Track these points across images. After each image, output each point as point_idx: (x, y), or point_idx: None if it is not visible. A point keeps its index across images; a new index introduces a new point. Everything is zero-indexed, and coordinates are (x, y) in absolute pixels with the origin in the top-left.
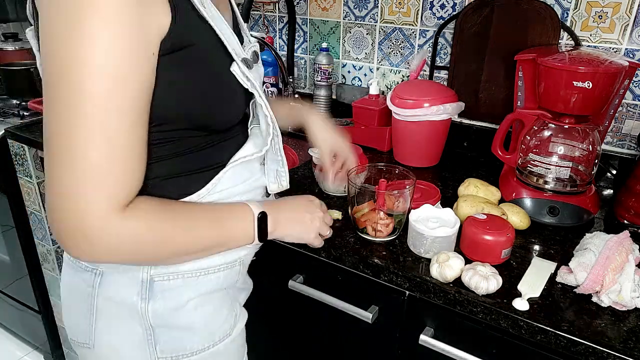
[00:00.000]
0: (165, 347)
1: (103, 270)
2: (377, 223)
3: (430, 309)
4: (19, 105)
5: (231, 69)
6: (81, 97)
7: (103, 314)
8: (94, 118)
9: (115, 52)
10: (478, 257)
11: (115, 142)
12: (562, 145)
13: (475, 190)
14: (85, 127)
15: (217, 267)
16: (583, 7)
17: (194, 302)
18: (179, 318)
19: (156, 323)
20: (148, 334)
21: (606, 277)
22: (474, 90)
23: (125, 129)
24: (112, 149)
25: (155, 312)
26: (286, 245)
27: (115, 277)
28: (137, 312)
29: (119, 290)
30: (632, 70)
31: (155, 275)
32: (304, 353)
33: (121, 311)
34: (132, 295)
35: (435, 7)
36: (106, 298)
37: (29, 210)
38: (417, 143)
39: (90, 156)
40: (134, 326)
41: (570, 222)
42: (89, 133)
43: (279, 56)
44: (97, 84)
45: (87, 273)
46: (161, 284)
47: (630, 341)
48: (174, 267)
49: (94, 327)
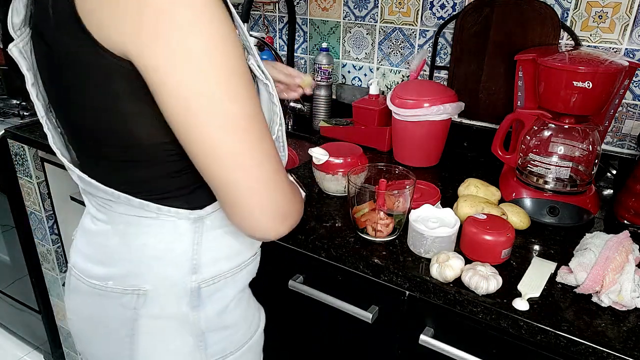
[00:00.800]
0: (213, 350)
1: (147, 290)
2: (377, 223)
3: (430, 309)
4: (19, 105)
5: (249, 63)
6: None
7: (146, 333)
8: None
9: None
10: (478, 257)
11: (268, 131)
12: (562, 145)
13: (475, 190)
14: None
15: (246, 261)
16: (583, 7)
17: (235, 301)
18: (226, 318)
19: (207, 328)
20: (199, 341)
21: (606, 277)
22: (474, 90)
23: (263, 114)
24: (270, 138)
25: (207, 318)
26: (286, 245)
27: (161, 292)
28: (188, 322)
29: (165, 305)
30: (632, 70)
31: (201, 282)
32: (304, 353)
33: (169, 325)
34: (181, 307)
35: (435, 7)
36: (151, 317)
37: (29, 210)
38: (417, 143)
39: (273, 154)
40: (184, 337)
41: (570, 222)
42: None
43: (279, 56)
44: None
45: (125, 297)
46: (207, 290)
47: (630, 341)
48: (216, 271)
49: (135, 350)
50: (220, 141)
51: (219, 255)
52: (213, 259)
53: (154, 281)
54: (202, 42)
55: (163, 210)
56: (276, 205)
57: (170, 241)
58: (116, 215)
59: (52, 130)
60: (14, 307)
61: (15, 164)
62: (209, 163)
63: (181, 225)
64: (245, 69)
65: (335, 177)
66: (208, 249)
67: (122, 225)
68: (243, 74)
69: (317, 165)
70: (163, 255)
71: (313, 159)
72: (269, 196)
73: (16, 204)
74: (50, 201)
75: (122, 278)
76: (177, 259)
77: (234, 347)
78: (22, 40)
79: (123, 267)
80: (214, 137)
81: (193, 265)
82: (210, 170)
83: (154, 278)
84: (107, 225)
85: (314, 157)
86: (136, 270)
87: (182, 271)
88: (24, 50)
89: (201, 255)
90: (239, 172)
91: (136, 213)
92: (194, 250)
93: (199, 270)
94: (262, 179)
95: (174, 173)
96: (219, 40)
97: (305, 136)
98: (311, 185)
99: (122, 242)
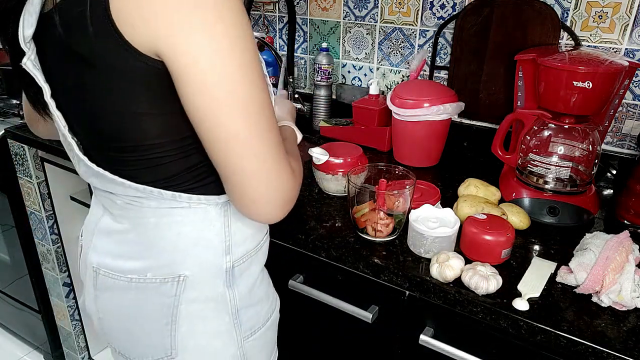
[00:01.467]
0: (246, 326)
1: (187, 275)
2: (377, 223)
3: (430, 309)
4: (19, 105)
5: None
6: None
7: (185, 317)
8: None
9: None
10: (478, 257)
11: (275, 125)
12: (562, 145)
13: (475, 190)
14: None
15: (263, 238)
16: (583, 7)
17: (260, 276)
18: (255, 294)
19: (241, 305)
20: (234, 319)
21: (606, 277)
22: (474, 90)
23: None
24: (276, 127)
25: (241, 295)
26: (286, 245)
27: (199, 277)
28: (224, 301)
29: (204, 288)
30: (632, 70)
31: (234, 262)
32: (304, 353)
33: (207, 307)
34: (218, 287)
35: (435, 7)
36: (190, 301)
37: (29, 210)
38: (417, 143)
39: (280, 142)
40: (221, 316)
41: (570, 222)
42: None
43: (279, 56)
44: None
45: (165, 285)
46: (239, 268)
47: (630, 341)
48: (245, 249)
49: (175, 336)
50: (235, 129)
51: (245, 235)
52: (242, 238)
53: (192, 266)
54: (229, 33)
55: (193, 199)
56: (280, 194)
57: (203, 227)
58: (147, 210)
59: (75, 141)
60: (14, 307)
61: (15, 164)
62: (221, 151)
63: (211, 211)
64: (258, 61)
65: (335, 177)
66: (237, 230)
67: (154, 218)
68: (257, 66)
69: (317, 165)
70: (198, 241)
71: (313, 159)
72: (274, 185)
73: (16, 204)
74: (50, 201)
75: (161, 268)
76: (211, 242)
77: (261, 323)
78: (33, 53)
79: (160, 258)
80: (229, 125)
81: (226, 246)
82: (222, 158)
83: (191, 264)
84: (135, 221)
85: (314, 157)
86: (174, 259)
87: (217, 253)
88: (35, 62)
89: (232, 236)
90: (249, 160)
91: (168, 205)
92: (225, 232)
93: (231, 251)
94: (270, 168)
95: (192, 167)
96: (242, 31)
97: (305, 136)
98: (311, 185)
99: (156, 234)
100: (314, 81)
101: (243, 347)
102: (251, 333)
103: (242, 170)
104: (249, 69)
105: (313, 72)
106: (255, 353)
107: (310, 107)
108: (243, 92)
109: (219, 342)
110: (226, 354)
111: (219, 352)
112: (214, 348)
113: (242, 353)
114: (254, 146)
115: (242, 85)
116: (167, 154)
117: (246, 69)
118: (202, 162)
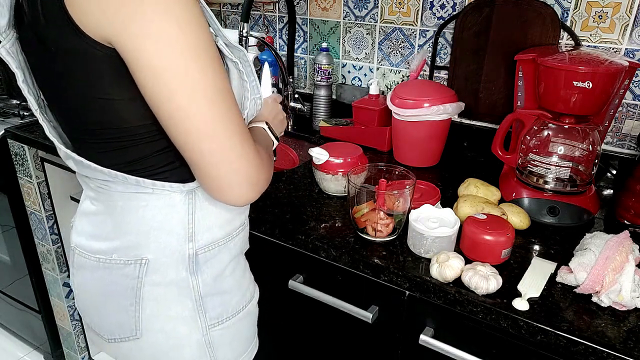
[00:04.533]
0: (213, 314)
1: (149, 258)
2: (377, 223)
3: (430, 309)
4: (19, 105)
5: (218, 44)
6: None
7: (150, 301)
8: (231, 101)
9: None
10: (478, 257)
11: (236, 105)
12: (562, 145)
13: (475, 190)
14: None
15: (237, 229)
16: (583, 7)
17: (231, 266)
18: (222, 283)
19: (205, 292)
20: (198, 305)
21: (606, 277)
22: (474, 90)
23: (232, 91)
24: (238, 111)
25: (205, 282)
26: (286, 245)
27: (162, 261)
28: (187, 287)
29: (167, 272)
30: (632, 70)
31: (198, 249)
32: (303, 353)
33: (170, 291)
34: (180, 272)
35: (435, 7)
36: (153, 284)
37: (29, 210)
38: (417, 143)
39: (241, 125)
40: (184, 302)
41: (570, 222)
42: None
43: (279, 56)
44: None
45: (128, 267)
46: (204, 256)
47: (630, 341)
48: (211, 238)
49: (139, 317)
50: (191, 112)
51: (211, 224)
52: (207, 227)
53: (154, 250)
54: (175, 24)
55: (157, 185)
56: (244, 175)
57: (167, 213)
58: (115, 193)
59: (46, 122)
60: (14, 307)
61: (15, 164)
62: (181, 135)
63: (175, 198)
64: (213, 48)
65: (335, 177)
66: (202, 218)
67: (121, 201)
68: (210, 51)
69: (317, 165)
70: (161, 226)
71: (313, 159)
72: (237, 166)
73: (16, 204)
74: (50, 201)
75: (125, 250)
76: (174, 228)
77: (230, 313)
78: (9, 42)
79: (125, 240)
80: (185, 108)
81: (189, 233)
82: (183, 142)
83: (154, 247)
84: (106, 203)
85: (314, 157)
86: (137, 242)
87: (180, 240)
88: (11, 50)
89: (196, 224)
90: (208, 142)
91: (133, 190)
92: (189, 220)
93: (195, 238)
94: (229, 149)
95: (160, 150)
96: (191, 16)
97: (305, 136)
98: (311, 185)
99: (122, 217)
100: (314, 81)
101: (209, 334)
102: (218, 322)
103: (201, 153)
104: (199, 53)
105: (313, 72)
106: (224, 343)
107: (310, 107)
108: (194, 76)
109: (183, 327)
110: (190, 339)
111: (184, 337)
112: (178, 333)
113: (209, 341)
114: (211, 129)
115: (194, 69)
116: (130, 138)
117: (196, 53)
118: (167, 148)
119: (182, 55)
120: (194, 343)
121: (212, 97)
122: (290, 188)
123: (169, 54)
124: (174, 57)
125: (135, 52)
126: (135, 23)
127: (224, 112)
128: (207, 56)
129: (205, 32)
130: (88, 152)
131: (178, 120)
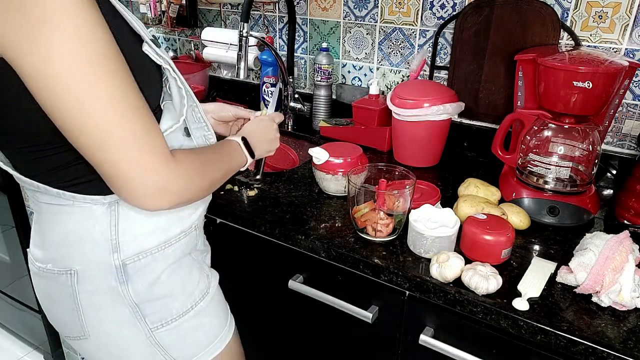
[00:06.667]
0: (153, 318)
1: (77, 269)
2: (377, 223)
3: (430, 309)
4: None
5: (143, 49)
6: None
7: (89, 307)
8: (127, 98)
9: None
10: (478, 257)
11: (140, 111)
12: (562, 145)
13: (475, 190)
14: (119, 107)
15: (177, 236)
16: (583, 7)
17: (167, 272)
18: (158, 290)
19: (139, 300)
20: (135, 312)
21: (606, 277)
22: (474, 90)
23: (138, 97)
24: (140, 117)
25: (136, 291)
26: (286, 245)
27: (90, 272)
28: (119, 296)
29: (96, 282)
30: (632, 70)
31: (125, 259)
32: (304, 353)
33: (104, 299)
34: (110, 282)
35: (435, 7)
36: (87, 292)
37: (29, 211)
38: (417, 143)
39: (144, 130)
40: (120, 309)
41: (570, 222)
42: (124, 112)
43: (279, 56)
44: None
45: (62, 277)
46: (133, 266)
47: (630, 341)
48: (138, 248)
49: (83, 320)
50: (83, 120)
51: (138, 233)
52: (133, 236)
53: (81, 261)
54: (64, 27)
55: (78, 197)
56: (148, 183)
57: (89, 225)
58: (42, 204)
59: None
60: (14, 307)
61: None
62: (80, 147)
63: (97, 210)
64: (110, 53)
65: (335, 177)
66: (127, 229)
67: (48, 213)
68: (110, 54)
69: (317, 165)
70: (84, 237)
71: (313, 159)
72: (135, 173)
73: (16, 204)
74: None
75: (56, 260)
76: (97, 240)
77: (174, 315)
78: None
79: (55, 251)
80: (76, 116)
81: (113, 244)
82: (84, 151)
83: (80, 259)
84: (37, 214)
85: (314, 157)
86: (65, 253)
87: (104, 251)
88: None
89: (120, 234)
90: (105, 151)
91: (56, 202)
92: (111, 231)
93: (120, 249)
94: (128, 157)
95: (73, 162)
96: (82, 22)
97: (305, 136)
98: (311, 185)
99: (50, 228)
100: (314, 81)
101: (153, 336)
102: (162, 324)
103: (101, 162)
104: (93, 60)
105: (313, 72)
106: (176, 340)
107: (310, 107)
108: (83, 86)
109: (126, 330)
110: (136, 340)
111: (129, 338)
112: (122, 335)
113: (156, 341)
114: (107, 138)
115: (83, 78)
116: (39, 148)
117: (89, 61)
118: (79, 160)
119: (75, 64)
120: (140, 343)
121: (104, 106)
122: (290, 188)
123: (57, 64)
124: (61, 68)
125: (20, 61)
126: (21, 32)
127: (119, 120)
128: (98, 63)
129: (100, 38)
130: (12, 160)
131: (71, 133)
